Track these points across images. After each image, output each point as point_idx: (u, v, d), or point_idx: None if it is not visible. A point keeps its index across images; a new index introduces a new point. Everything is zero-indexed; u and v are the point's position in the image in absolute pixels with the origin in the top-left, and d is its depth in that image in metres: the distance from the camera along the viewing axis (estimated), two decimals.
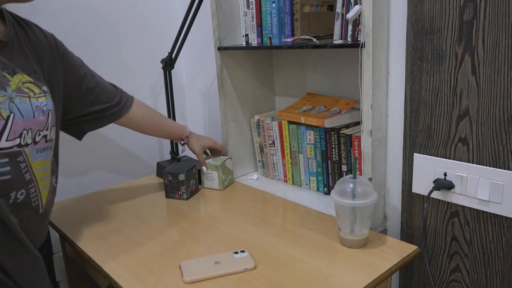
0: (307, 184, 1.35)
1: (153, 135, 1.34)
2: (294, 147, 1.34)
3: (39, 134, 0.85)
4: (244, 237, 1.05)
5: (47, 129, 0.88)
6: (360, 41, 0.99)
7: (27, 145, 0.83)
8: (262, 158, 1.47)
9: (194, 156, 1.66)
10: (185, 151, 1.59)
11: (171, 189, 1.31)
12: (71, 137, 1.51)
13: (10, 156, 0.80)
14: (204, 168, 1.36)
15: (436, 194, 1.03)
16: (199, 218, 1.17)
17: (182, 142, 1.37)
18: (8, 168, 0.79)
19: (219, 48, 1.36)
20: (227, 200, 1.29)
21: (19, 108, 0.81)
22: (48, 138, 0.89)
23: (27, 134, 0.83)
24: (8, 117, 0.79)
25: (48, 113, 0.89)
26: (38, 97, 0.87)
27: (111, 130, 1.59)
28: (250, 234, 1.06)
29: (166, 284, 0.87)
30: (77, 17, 1.45)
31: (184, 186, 1.29)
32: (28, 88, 0.86)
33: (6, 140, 0.78)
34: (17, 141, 0.81)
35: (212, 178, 1.38)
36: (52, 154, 0.93)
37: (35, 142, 0.85)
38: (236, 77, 1.42)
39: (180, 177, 1.28)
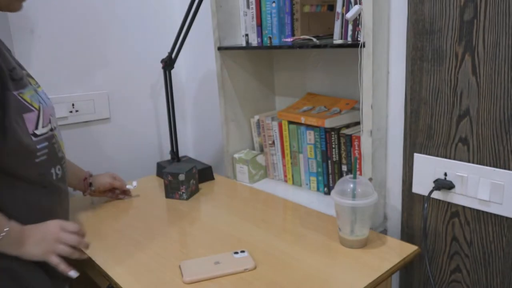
0: (307, 184, 1.34)
1: None
2: (294, 147, 1.34)
3: (54, 118, 0.99)
4: (244, 237, 1.05)
5: (54, 114, 1.01)
6: (360, 41, 0.99)
7: (55, 128, 0.98)
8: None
9: (198, 158, 1.66)
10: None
11: (171, 189, 1.31)
12: (70, 139, 1.51)
13: (48, 140, 0.93)
14: (129, 186, 1.31)
15: (436, 194, 1.03)
16: (199, 218, 1.17)
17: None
18: (46, 150, 0.92)
19: (219, 48, 1.36)
20: (227, 200, 1.29)
21: (42, 98, 0.95)
22: (56, 121, 1.02)
23: (52, 119, 0.97)
24: (39, 107, 0.91)
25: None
26: (39, 86, 0.99)
27: (111, 131, 1.59)
28: (250, 234, 1.06)
29: (166, 284, 0.87)
30: (77, 17, 1.45)
31: (184, 186, 1.29)
32: (33, 79, 0.99)
33: (42, 127, 0.91)
34: (49, 126, 0.94)
35: (243, 172, 1.42)
36: None
37: (56, 125, 1.00)
38: (236, 77, 1.42)
39: (180, 177, 1.28)
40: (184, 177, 1.28)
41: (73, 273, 0.90)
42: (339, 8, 1.07)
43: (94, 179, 1.27)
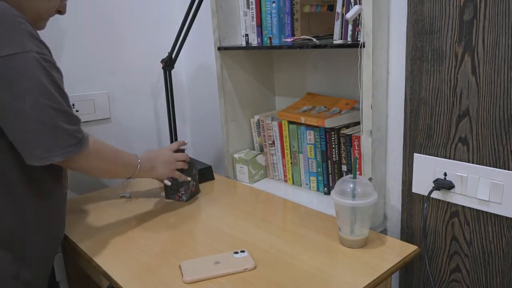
0: (307, 184, 1.35)
1: None
2: (294, 147, 1.34)
3: None
4: (244, 237, 1.05)
5: None
6: (360, 41, 0.99)
7: None
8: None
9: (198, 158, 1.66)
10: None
11: (171, 191, 1.31)
12: None
13: None
14: (166, 181, 1.26)
15: (436, 194, 1.03)
16: (199, 218, 1.17)
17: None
18: None
19: (219, 48, 1.36)
20: (227, 200, 1.29)
21: None
22: None
23: None
24: None
25: None
26: None
27: (111, 131, 1.59)
28: (250, 234, 1.06)
29: (166, 284, 0.87)
30: (76, 17, 1.45)
31: (183, 188, 1.28)
32: None
33: None
34: None
35: (243, 172, 1.42)
36: None
37: None
38: (236, 77, 1.42)
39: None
40: None
41: (189, 179, 1.26)
42: (339, 8, 1.07)
43: None
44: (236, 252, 0.95)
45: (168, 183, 1.25)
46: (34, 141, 0.80)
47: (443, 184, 1.00)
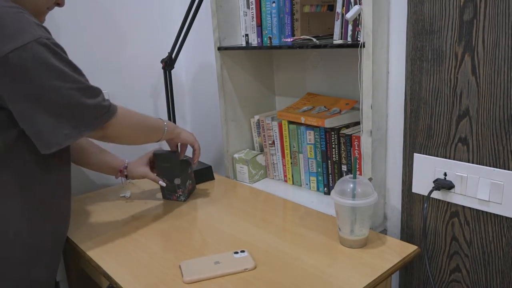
0: (307, 184, 1.35)
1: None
2: (294, 147, 1.34)
3: None
4: (244, 237, 1.05)
5: None
6: (360, 41, 0.99)
7: None
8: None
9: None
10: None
11: (167, 191, 1.30)
12: None
13: None
14: (161, 182, 1.26)
15: (436, 194, 1.03)
16: (199, 218, 1.17)
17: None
18: None
19: (219, 48, 1.36)
20: (227, 200, 1.29)
21: None
22: None
23: None
24: None
25: None
26: None
27: None
28: (250, 234, 1.06)
29: (166, 284, 0.87)
30: (76, 18, 1.45)
31: (180, 189, 1.28)
32: None
33: None
34: None
35: (243, 172, 1.42)
36: None
37: None
38: (236, 77, 1.42)
39: (176, 181, 1.27)
40: (180, 181, 1.27)
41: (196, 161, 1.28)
42: (339, 8, 1.07)
43: (129, 170, 1.28)
44: (236, 252, 0.95)
45: (163, 184, 1.25)
46: (63, 125, 0.82)
47: (443, 184, 1.00)
